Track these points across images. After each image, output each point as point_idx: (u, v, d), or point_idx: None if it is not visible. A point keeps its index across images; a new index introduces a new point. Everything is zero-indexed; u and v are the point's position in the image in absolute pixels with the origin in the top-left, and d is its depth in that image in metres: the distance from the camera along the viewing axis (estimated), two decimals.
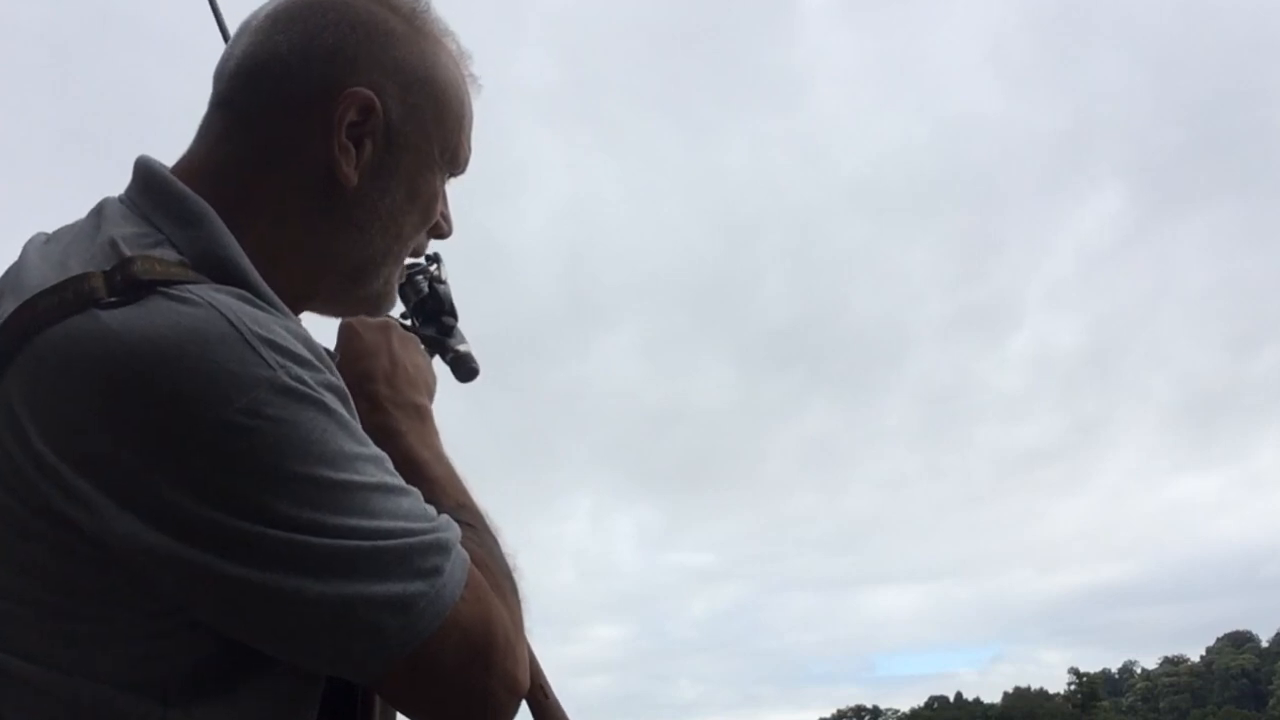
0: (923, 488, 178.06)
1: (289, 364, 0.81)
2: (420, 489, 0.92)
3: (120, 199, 0.95)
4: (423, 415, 1.08)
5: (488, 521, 1.01)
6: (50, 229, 0.97)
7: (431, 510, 0.89)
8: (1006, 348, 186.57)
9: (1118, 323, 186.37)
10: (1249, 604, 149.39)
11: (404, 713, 0.90)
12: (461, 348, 1.22)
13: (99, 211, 0.94)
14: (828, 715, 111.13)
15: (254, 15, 1.02)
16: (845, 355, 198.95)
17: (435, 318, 1.22)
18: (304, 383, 0.82)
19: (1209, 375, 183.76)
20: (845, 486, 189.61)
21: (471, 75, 1.08)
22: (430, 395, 1.12)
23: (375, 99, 0.97)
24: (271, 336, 0.82)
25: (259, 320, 0.82)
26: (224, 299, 0.83)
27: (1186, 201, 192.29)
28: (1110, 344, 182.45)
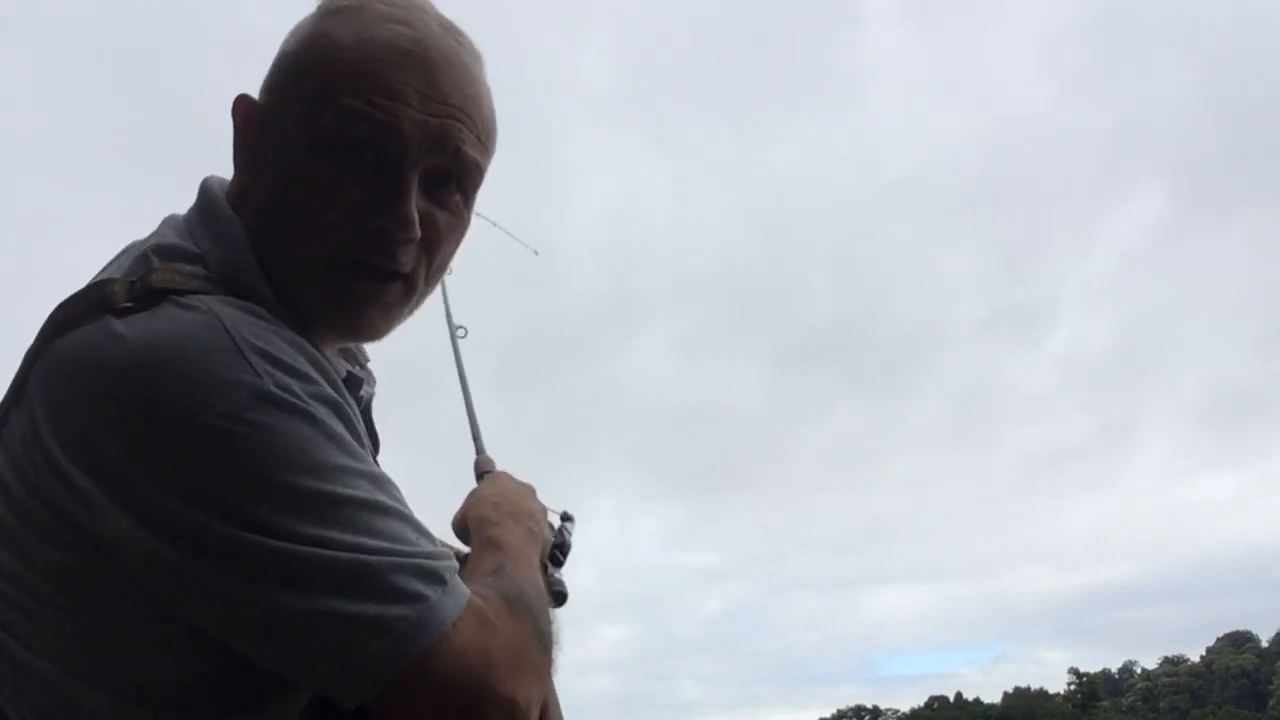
0: (944, 488, 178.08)
1: (277, 373, 0.83)
2: (489, 559, 0.98)
3: (183, 216, 1.01)
4: (530, 534, 1.11)
5: (543, 598, 0.98)
6: (130, 230, 1.02)
7: (428, 538, 0.88)
8: (1040, 348, 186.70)
9: (1151, 324, 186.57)
10: (1249, 604, 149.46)
11: None
12: (558, 575, 1.29)
13: (164, 222, 1.00)
14: (828, 715, 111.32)
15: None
16: (879, 356, 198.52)
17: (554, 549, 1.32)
18: (290, 392, 0.83)
19: (1237, 377, 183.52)
20: (868, 487, 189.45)
21: (402, 30, 0.97)
22: (537, 544, 1.12)
23: (249, 98, 1.00)
24: (265, 346, 0.84)
25: (256, 330, 0.85)
26: (227, 309, 0.85)
27: (1226, 204, 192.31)
28: (1142, 345, 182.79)
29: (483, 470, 1.33)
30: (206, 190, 1.01)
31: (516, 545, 1.05)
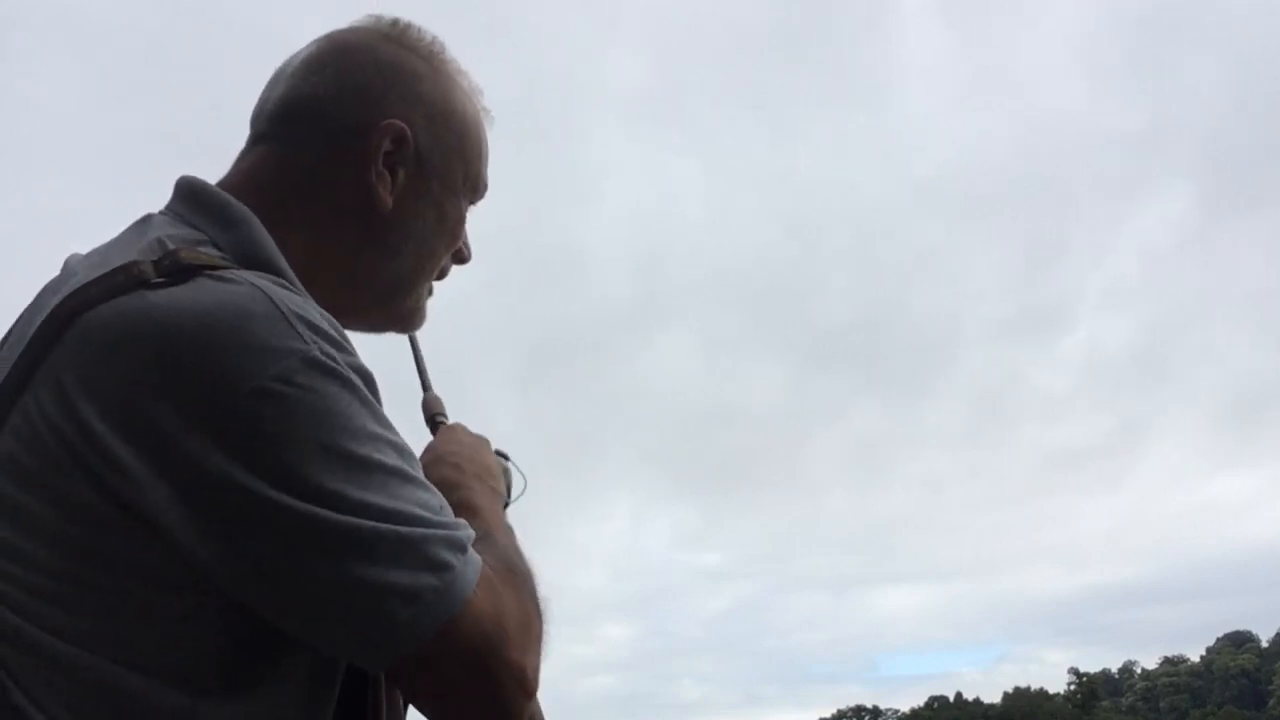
0: (956, 488, 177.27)
1: (321, 341, 0.86)
2: (473, 524, 0.97)
3: (163, 211, 1.02)
4: (494, 492, 1.14)
5: (528, 560, 1.03)
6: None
7: (449, 510, 0.92)
8: (1060, 348, 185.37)
9: (1172, 324, 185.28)
10: (1249, 604, 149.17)
11: (414, 703, 0.91)
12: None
13: (144, 221, 1.01)
14: (828, 715, 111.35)
15: (289, 62, 1.13)
16: (899, 357, 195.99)
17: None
18: (334, 360, 0.86)
19: (1257, 377, 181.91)
20: (881, 488, 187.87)
21: (485, 109, 1.18)
22: (501, 503, 1.17)
23: (407, 130, 1.08)
24: (307, 315, 0.88)
25: (296, 301, 0.89)
26: (263, 281, 0.89)
27: (1251, 205, 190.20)
28: (1162, 346, 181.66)
29: (433, 412, 1.29)
30: (193, 183, 1.04)
31: (490, 509, 1.08)
